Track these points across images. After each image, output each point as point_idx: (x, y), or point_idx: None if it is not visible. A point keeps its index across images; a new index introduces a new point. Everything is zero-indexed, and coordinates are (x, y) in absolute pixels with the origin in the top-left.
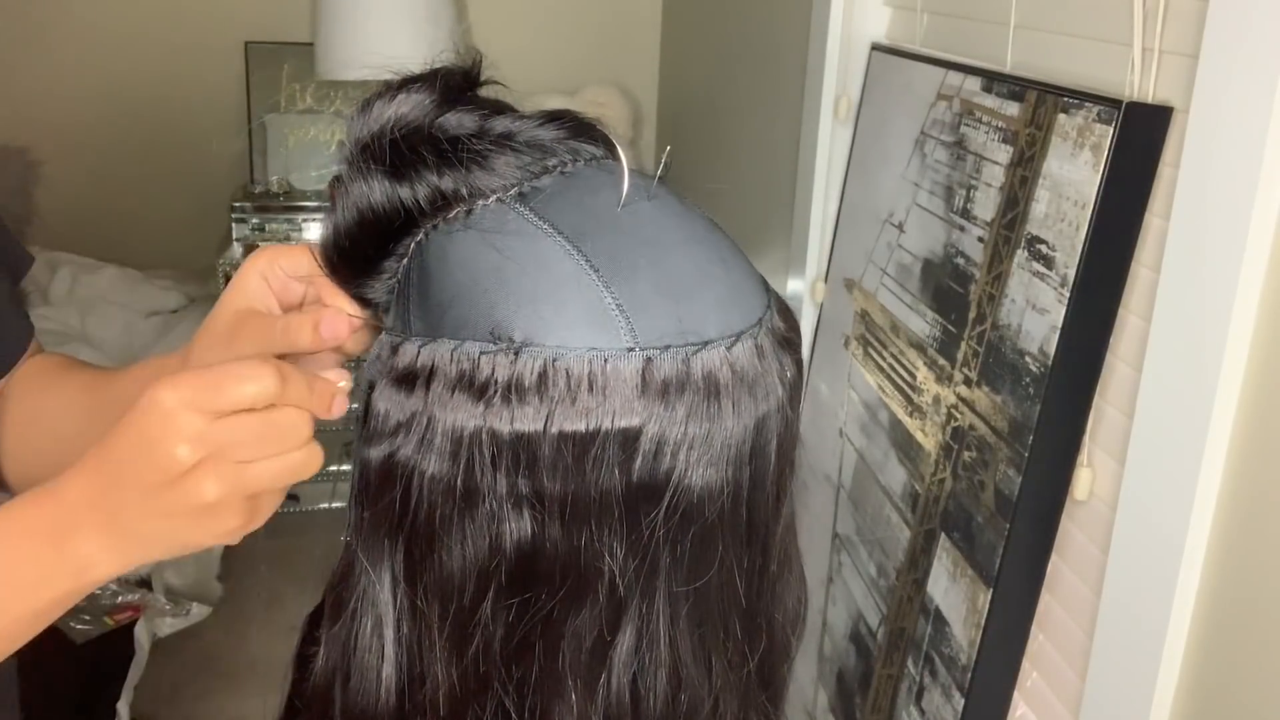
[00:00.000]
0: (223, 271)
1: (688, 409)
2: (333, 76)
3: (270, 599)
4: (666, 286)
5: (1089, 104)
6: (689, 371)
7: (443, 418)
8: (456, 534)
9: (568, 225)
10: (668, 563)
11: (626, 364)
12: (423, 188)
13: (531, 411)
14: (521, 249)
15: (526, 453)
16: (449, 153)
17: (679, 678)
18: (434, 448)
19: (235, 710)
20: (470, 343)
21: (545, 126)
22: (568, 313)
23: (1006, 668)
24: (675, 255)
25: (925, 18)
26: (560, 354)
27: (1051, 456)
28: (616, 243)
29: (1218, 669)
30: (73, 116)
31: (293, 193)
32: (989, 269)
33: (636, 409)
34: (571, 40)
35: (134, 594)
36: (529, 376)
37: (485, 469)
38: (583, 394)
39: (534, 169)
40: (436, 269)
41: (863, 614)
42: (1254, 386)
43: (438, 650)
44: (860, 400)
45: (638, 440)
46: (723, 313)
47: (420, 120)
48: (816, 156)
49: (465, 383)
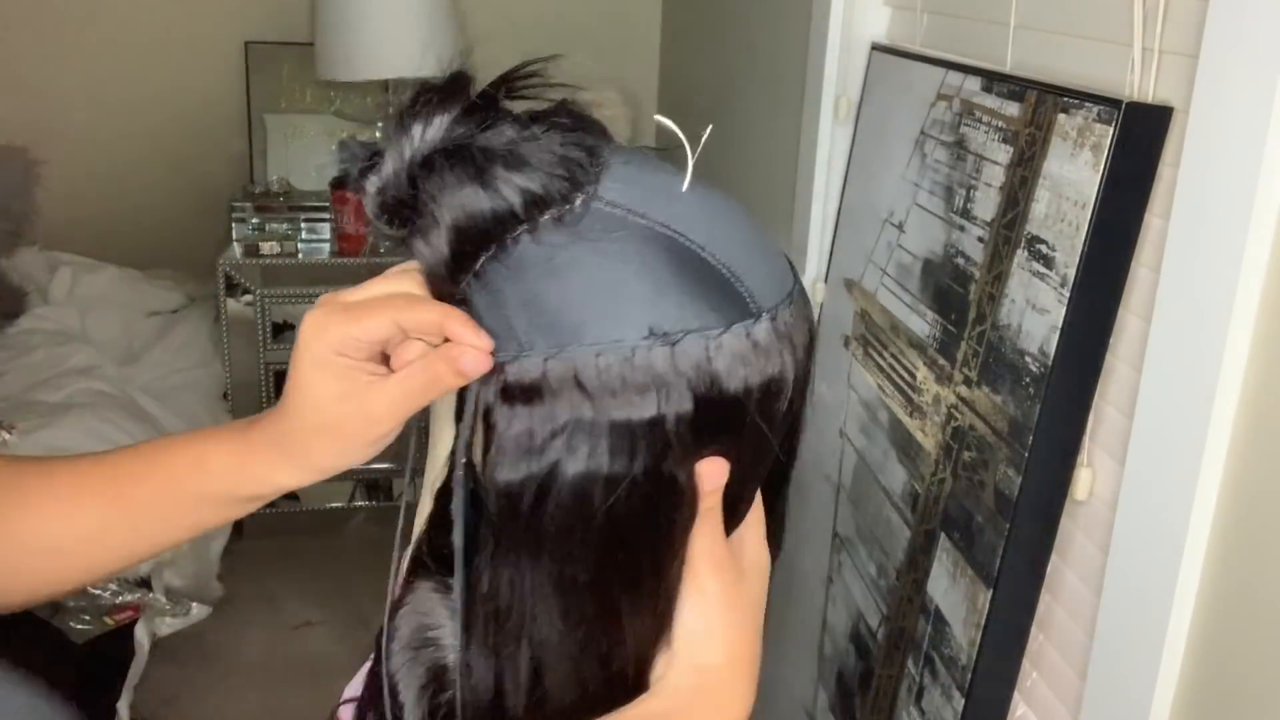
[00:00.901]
0: (222, 271)
1: (800, 352)
2: (333, 76)
3: (270, 599)
4: (754, 252)
5: (1089, 104)
6: (793, 320)
7: (607, 419)
8: (646, 518)
9: (659, 213)
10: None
11: (760, 329)
12: (512, 191)
13: (705, 386)
14: (633, 245)
15: (707, 421)
16: (515, 159)
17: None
18: (604, 449)
19: (235, 710)
20: (616, 344)
21: (572, 122)
22: (704, 295)
23: (1006, 668)
24: (739, 223)
25: (925, 18)
26: (710, 334)
27: (1051, 456)
28: (704, 222)
29: (1218, 669)
30: (73, 116)
31: (293, 193)
32: (989, 269)
33: (774, 362)
34: (571, 40)
35: (134, 594)
36: (691, 361)
37: (670, 450)
38: (737, 365)
39: (595, 167)
40: (542, 280)
41: (863, 614)
42: (1254, 386)
43: (624, 630)
44: (860, 400)
45: (780, 386)
46: (784, 263)
47: (467, 132)
48: (816, 156)
49: (626, 381)
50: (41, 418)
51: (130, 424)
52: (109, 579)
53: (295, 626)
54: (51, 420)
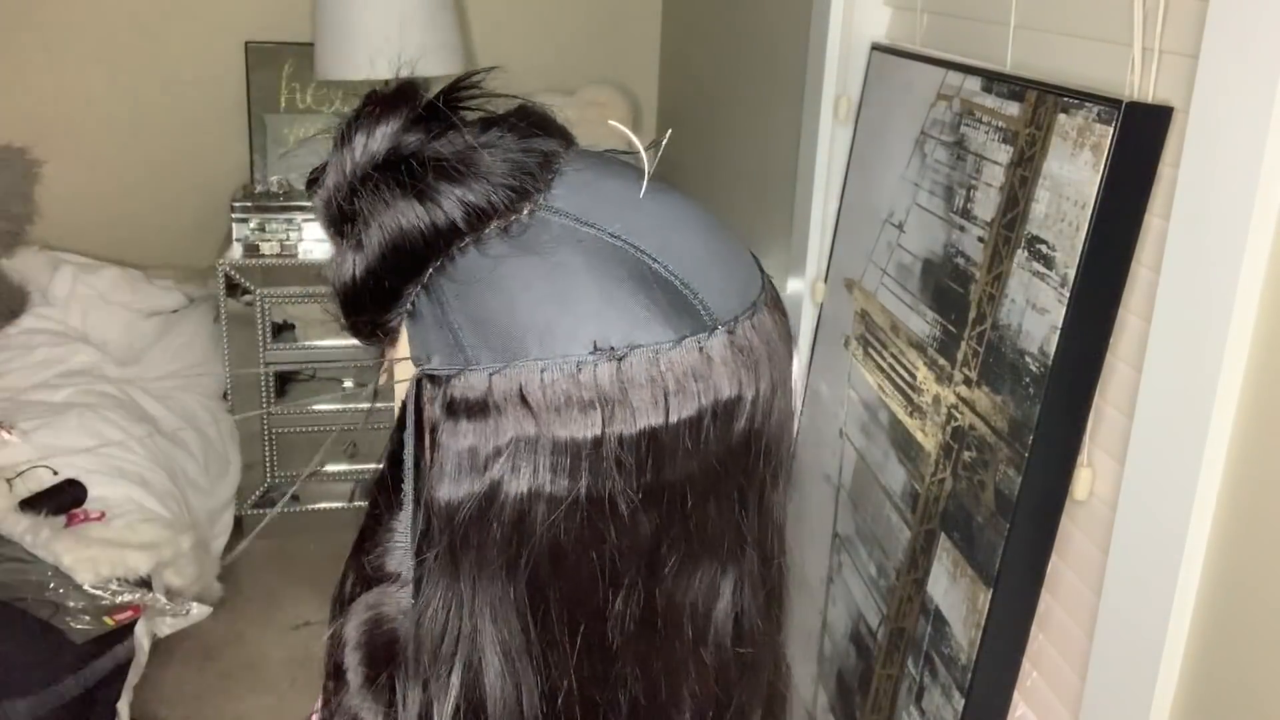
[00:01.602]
0: (222, 271)
1: (763, 368)
2: (333, 76)
3: (270, 599)
4: (711, 262)
5: (1089, 104)
6: (755, 335)
7: (550, 436)
8: (588, 544)
9: (610, 223)
10: (770, 502)
11: (715, 343)
12: (452, 205)
13: (648, 407)
14: (581, 256)
15: (653, 447)
16: (461, 169)
17: (781, 605)
18: (547, 467)
19: (235, 710)
20: (563, 359)
21: (528, 127)
22: (654, 308)
23: (1006, 668)
24: (699, 231)
25: (925, 18)
26: (661, 348)
27: (1051, 456)
28: (658, 231)
29: (1218, 669)
30: (73, 116)
31: (293, 193)
32: (989, 269)
33: (731, 380)
34: (571, 40)
35: (134, 594)
36: (640, 377)
37: (613, 474)
38: (689, 381)
39: (547, 174)
40: (488, 292)
41: (863, 614)
42: (1254, 386)
43: (570, 661)
44: (860, 400)
45: (736, 407)
46: (750, 274)
47: (416, 142)
48: (816, 156)
49: (571, 397)
50: (41, 418)
51: (130, 424)
52: None
53: (295, 626)
54: (51, 420)
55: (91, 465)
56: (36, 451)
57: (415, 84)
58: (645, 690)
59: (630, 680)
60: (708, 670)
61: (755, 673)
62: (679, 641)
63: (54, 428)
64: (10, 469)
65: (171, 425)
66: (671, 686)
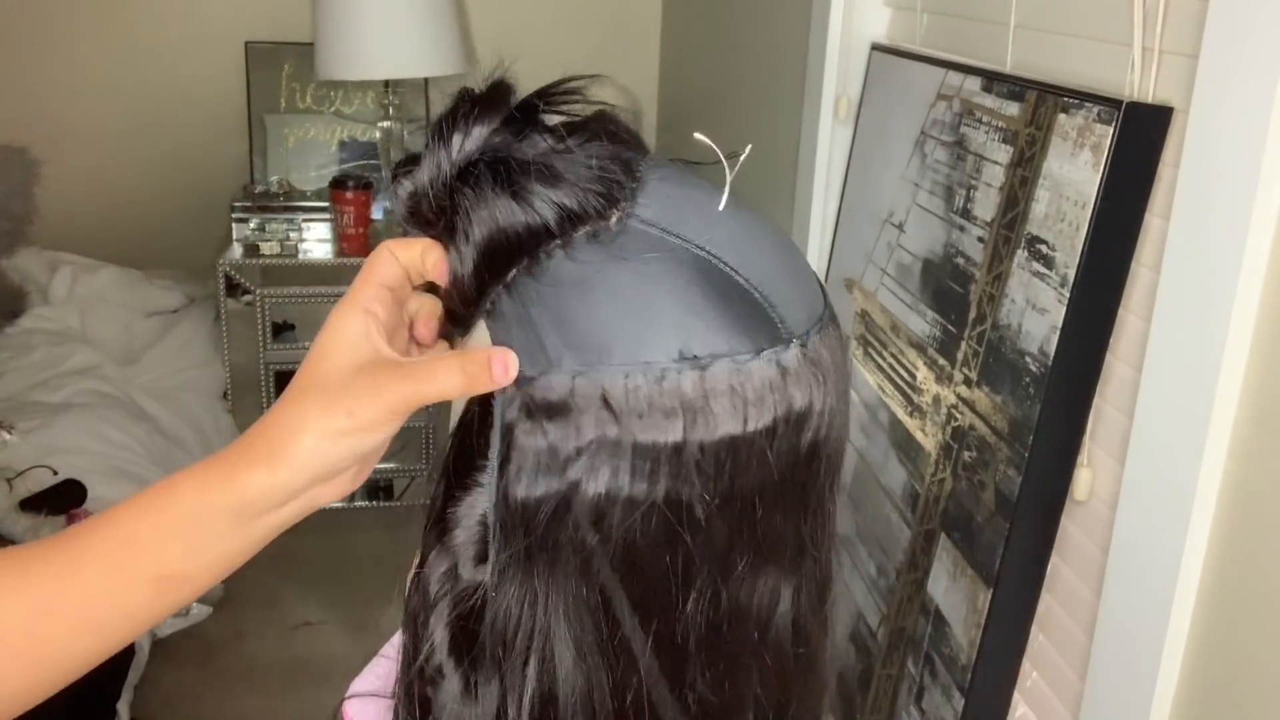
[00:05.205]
0: (222, 271)
1: (830, 381)
2: (333, 76)
3: (270, 599)
4: (785, 276)
5: (1089, 104)
6: (823, 348)
7: (632, 440)
8: (663, 546)
9: (694, 234)
10: (827, 510)
11: (790, 355)
12: (546, 207)
13: (728, 416)
14: (669, 266)
15: (731, 454)
16: (553, 173)
17: (825, 613)
18: (627, 470)
19: (235, 710)
20: (646, 364)
21: (611, 134)
22: (736, 320)
23: (1006, 668)
24: (774, 246)
25: (925, 18)
26: (741, 359)
27: (1051, 456)
28: (739, 244)
29: (1218, 669)
30: (73, 116)
31: (293, 193)
32: (989, 269)
33: (802, 392)
34: (571, 40)
35: None
36: (721, 386)
37: (691, 479)
38: (766, 391)
39: (631, 182)
40: (574, 296)
41: (863, 614)
42: (1254, 386)
43: (640, 660)
44: (860, 400)
45: (806, 418)
46: (815, 289)
47: (509, 143)
48: (816, 156)
49: (654, 403)
50: (41, 418)
51: (130, 424)
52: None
53: (295, 626)
54: (51, 420)
55: (91, 465)
56: (36, 450)
57: (508, 84)
58: (711, 689)
59: (698, 680)
60: (770, 672)
61: (811, 674)
62: (744, 644)
63: (54, 428)
64: (10, 469)
65: (171, 425)
66: (735, 687)
